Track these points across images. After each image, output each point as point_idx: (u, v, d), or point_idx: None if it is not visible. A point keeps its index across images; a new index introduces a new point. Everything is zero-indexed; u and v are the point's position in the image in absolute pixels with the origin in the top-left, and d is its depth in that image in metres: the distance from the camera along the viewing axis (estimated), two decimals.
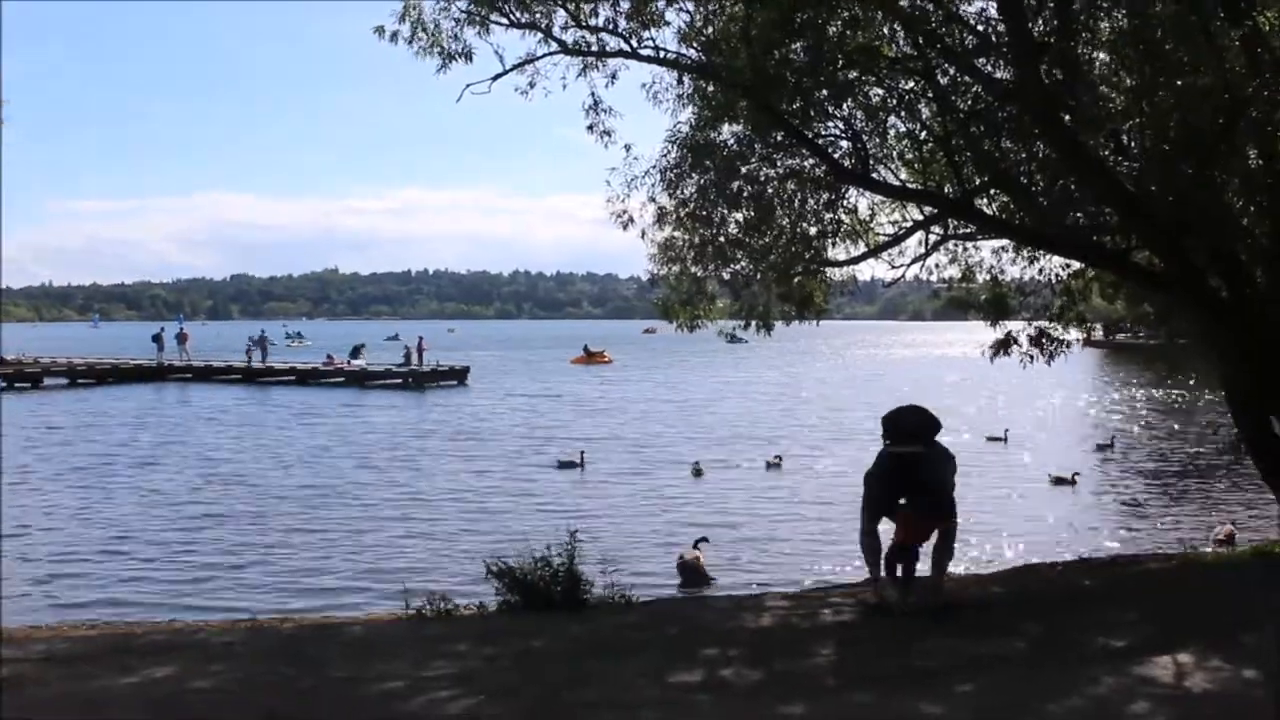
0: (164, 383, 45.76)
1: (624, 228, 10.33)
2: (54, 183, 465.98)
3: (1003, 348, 11.33)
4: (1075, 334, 11.87)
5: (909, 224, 10.93)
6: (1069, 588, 9.08)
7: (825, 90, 9.28)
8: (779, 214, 10.11)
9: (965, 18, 9.30)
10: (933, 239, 11.08)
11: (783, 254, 10.23)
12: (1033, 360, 11.24)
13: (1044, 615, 7.74)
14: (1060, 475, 18.65)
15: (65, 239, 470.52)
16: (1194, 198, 8.01)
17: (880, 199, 10.83)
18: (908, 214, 11.01)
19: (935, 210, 10.37)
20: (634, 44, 9.75)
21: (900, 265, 11.35)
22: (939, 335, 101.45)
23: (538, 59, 9.96)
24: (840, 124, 9.85)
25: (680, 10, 9.74)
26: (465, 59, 9.73)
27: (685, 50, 9.88)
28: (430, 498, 17.78)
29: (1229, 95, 7.38)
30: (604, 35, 9.82)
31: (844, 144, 9.90)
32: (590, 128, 10.21)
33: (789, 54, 8.97)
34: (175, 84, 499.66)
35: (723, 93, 9.47)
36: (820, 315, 11.31)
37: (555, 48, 9.88)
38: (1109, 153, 9.17)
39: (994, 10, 9.02)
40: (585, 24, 9.80)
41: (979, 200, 10.25)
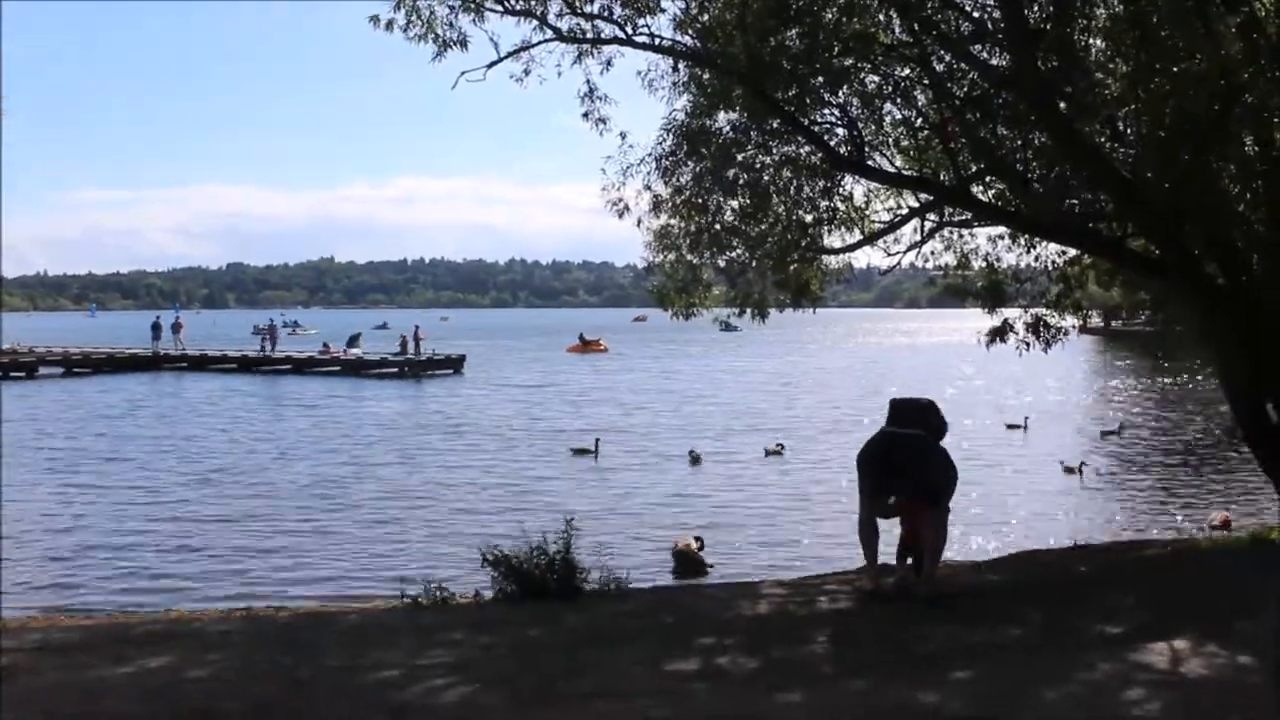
0: (160, 372, 45.78)
1: (619, 215, 10.36)
2: (51, 173, 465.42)
3: (999, 335, 11.33)
4: (1072, 321, 11.86)
5: (905, 211, 10.91)
6: (1066, 574, 9.08)
7: (821, 77, 9.24)
8: (775, 201, 10.08)
9: (961, 4, 9.25)
10: (928, 226, 11.06)
11: (778, 241, 10.21)
12: (1029, 347, 11.24)
13: (1041, 602, 7.74)
14: (1070, 465, 18.66)
15: (63, 229, 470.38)
16: (1190, 184, 7.97)
17: (876, 186, 10.79)
18: (904, 201, 10.98)
19: (931, 197, 10.34)
20: (629, 31, 9.70)
21: (896, 252, 11.36)
22: (936, 323, 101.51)
23: (533, 46, 9.93)
24: (836, 111, 9.81)
25: None
26: (461, 46, 9.70)
27: (680, 37, 9.82)
28: (426, 486, 17.76)
29: (1225, 81, 7.34)
30: (599, 22, 9.79)
31: (840, 131, 9.86)
32: (585, 115, 10.22)
33: (784, 41, 8.94)
34: (173, 75, 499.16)
35: (718, 80, 9.44)
36: (816, 303, 11.32)
37: (550, 35, 9.83)
38: (1105, 139, 9.13)
39: None
40: (580, 10, 9.76)
41: (975, 187, 10.21)
